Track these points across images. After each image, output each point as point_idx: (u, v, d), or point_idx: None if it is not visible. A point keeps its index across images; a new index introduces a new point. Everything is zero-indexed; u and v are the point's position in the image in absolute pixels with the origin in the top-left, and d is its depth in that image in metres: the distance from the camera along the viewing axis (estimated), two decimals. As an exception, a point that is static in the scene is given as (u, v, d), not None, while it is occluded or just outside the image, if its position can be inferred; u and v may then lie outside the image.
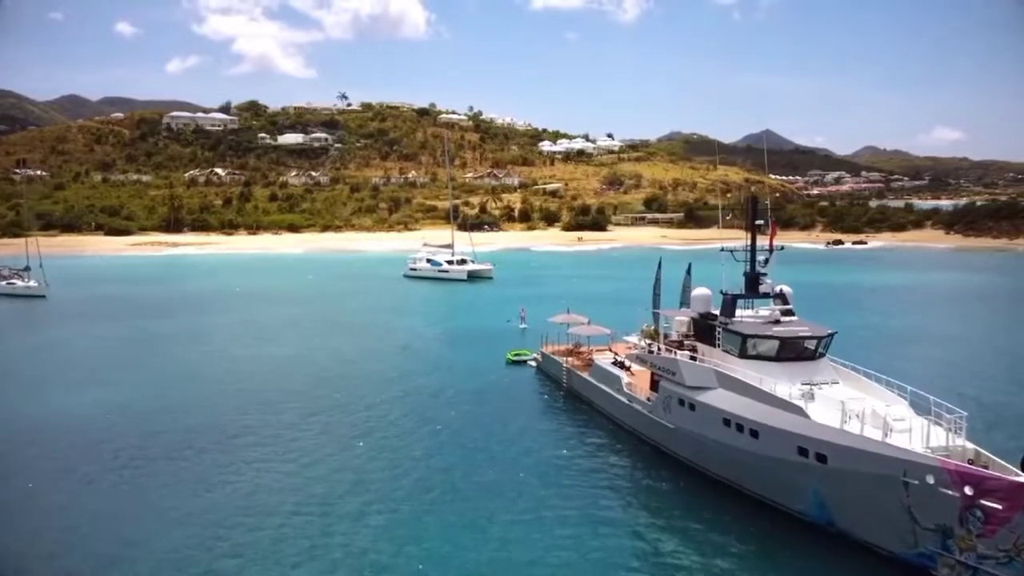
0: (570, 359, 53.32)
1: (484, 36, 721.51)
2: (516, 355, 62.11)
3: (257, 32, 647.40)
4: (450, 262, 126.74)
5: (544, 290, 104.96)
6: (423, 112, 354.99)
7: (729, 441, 34.29)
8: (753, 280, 40.76)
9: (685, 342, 43.89)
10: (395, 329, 77.72)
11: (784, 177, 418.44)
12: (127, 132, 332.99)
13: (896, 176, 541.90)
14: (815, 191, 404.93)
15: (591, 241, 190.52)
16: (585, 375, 50.15)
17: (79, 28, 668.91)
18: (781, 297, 40.53)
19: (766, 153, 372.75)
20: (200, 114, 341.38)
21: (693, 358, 39.26)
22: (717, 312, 39.76)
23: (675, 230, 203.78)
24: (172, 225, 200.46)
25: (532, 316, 75.73)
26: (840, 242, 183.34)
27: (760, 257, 40.95)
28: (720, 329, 38.30)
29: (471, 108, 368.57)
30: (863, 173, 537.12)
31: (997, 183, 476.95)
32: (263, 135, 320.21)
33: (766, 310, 38.89)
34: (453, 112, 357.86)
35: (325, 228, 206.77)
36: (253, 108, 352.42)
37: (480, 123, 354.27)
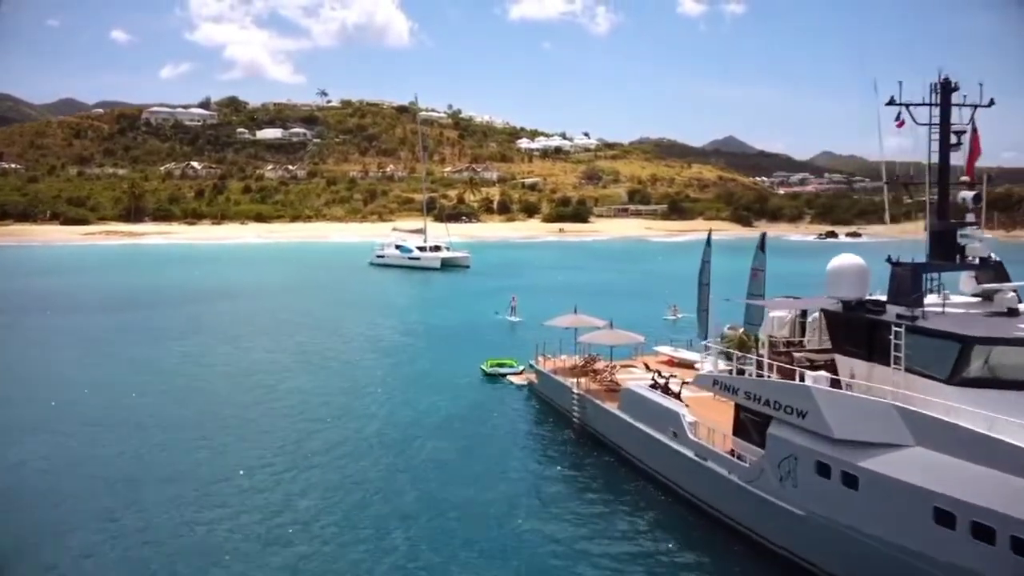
0: (582, 380, 32.39)
1: (465, 45, 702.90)
2: (496, 366, 41.79)
3: (247, 39, 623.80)
4: (422, 248, 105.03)
5: (528, 280, 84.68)
6: (403, 109, 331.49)
7: (951, 556, 15.41)
8: (948, 238, 20.55)
9: (801, 354, 23.35)
10: (346, 328, 57.12)
11: (751, 179, 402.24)
12: (106, 127, 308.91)
13: (858, 178, 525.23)
14: (781, 191, 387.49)
15: (573, 232, 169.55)
16: (610, 407, 29.37)
17: (76, 35, 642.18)
18: (992, 269, 20.32)
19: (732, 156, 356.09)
20: (180, 109, 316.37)
21: (836, 383, 19.62)
22: (881, 297, 20.26)
23: (659, 222, 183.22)
24: (133, 215, 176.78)
25: (524, 310, 55.95)
26: (834, 234, 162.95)
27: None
28: (903, 328, 18.19)
29: (450, 106, 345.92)
30: (825, 175, 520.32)
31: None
32: (242, 130, 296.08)
33: (965, 294, 20.80)
34: (433, 110, 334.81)
35: (295, 218, 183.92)
36: (233, 104, 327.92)
37: (459, 121, 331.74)
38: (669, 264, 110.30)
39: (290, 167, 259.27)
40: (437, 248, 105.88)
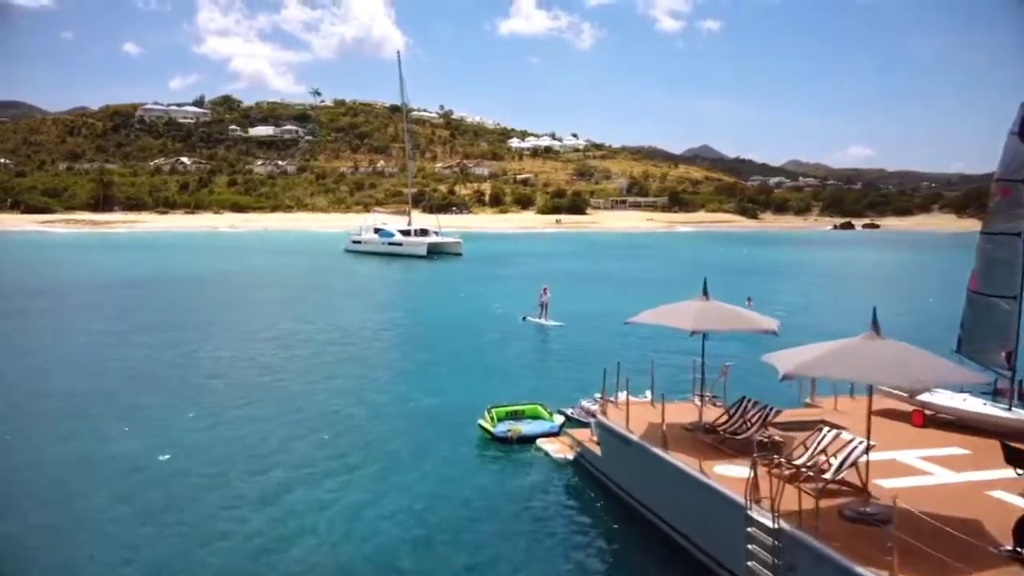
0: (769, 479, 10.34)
1: (457, 58, 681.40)
2: (508, 416, 19.51)
3: (252, 52, 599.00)
4: (405, 232, 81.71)
5: (532, 269, 62.18)
6: (395, 108, 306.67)
7: None
8: None
9: None
10: (293, 340, 33.28)
11: (732, 179, 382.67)
12: (100, 124, 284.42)
13: (831, 182, 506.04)
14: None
15: (571, 224, 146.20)
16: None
17: (90, 47, 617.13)
18: None
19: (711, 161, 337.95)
20: (173, 107, 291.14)
21: None
22: None
23: (661, 213, 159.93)
24: (102, 204, 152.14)
25: (533, 304, 34.98)
26: (850, 225, 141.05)
27: None
28: None
29: (442, 107, 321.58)
30: (800, 179, 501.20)
31: (919, 188, 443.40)
32: (234, 127, 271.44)
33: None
34: (424, 110, 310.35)
35: (275, 208, 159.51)
36: (227, 103, 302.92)
37: (451, 121, 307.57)
38: (690, 252, 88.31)
39: (280, 163, 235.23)
40: (424, 232, 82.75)
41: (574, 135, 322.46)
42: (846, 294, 51.77)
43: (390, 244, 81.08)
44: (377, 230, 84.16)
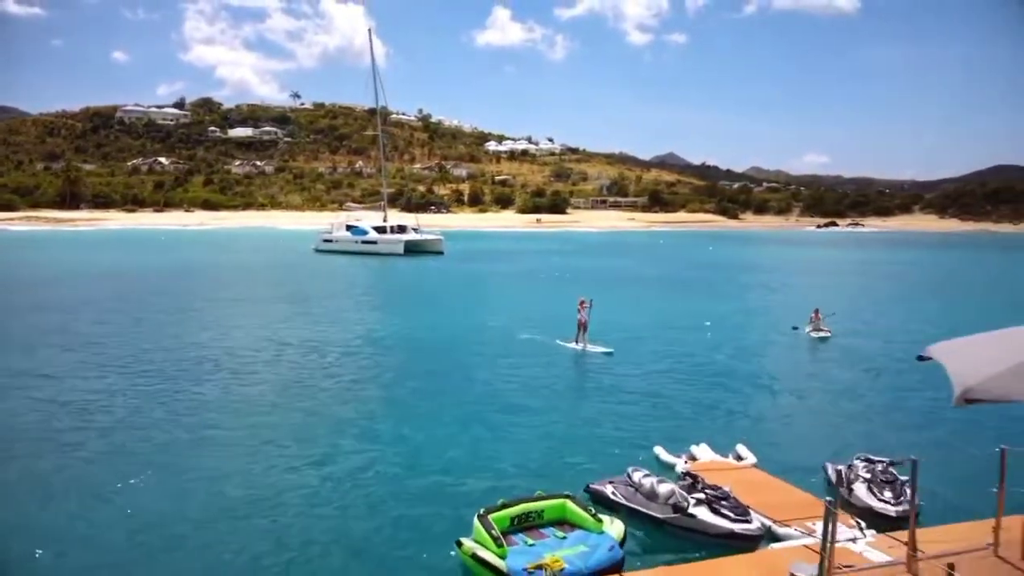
0: None
1: (434, 67, 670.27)
2: (507, 523, 9.91)
3: (237, 60, 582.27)
4: (380, 230, 71.60)
5: (524, 266, 52.43)
6: (374, 111, 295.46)
7: None
8: None
9: None
10: (188, 391, 22.43)
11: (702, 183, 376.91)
12: (79, 125, 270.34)
13: (792, 187, 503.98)
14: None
15: (551, 223, 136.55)
16: None
17: (79, 55, 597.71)
18: None
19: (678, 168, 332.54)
20: (153, 109, 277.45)
21: None
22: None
23: (642, 213, 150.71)
24: (68, 201, 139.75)
25: (545, 317, 28.70)
26: (835, 223, 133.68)
27: None
28: None
29: (420, 111, 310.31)
30: (764, 184, 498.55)
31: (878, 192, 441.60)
32: (213, 128, 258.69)
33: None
34: (403, 113, 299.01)
35: (247, 206, 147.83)
36: (207, 104, 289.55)
37: (429, 124, 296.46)
38: (687, 252, 79.82)
39: (258, 163, 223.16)
40: (402, 229, 72.68)
41: (550, 139, 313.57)
42: (915, 297, 42.72)
43: (364, 242, 70.92)
44: (349, 227, 73.92)
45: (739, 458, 13.59)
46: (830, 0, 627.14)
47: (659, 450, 14.19)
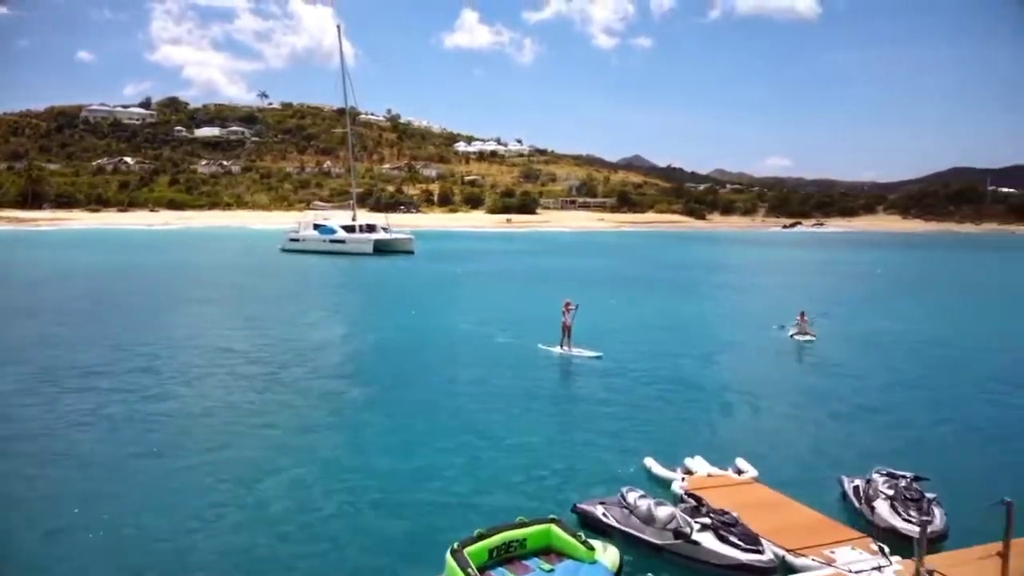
0: None
1: (403, 68, 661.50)
2: (484, 557, 8.28)
3: (205, 61, 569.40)
4: (349, 228, 69.59)
5: (497, 266, 50.95)
6: (343, 111, 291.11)
7: None
8: None
9: None
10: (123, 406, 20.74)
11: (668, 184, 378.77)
12: (44, 124, 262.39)
13: (755, 188, 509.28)
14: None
15: (521, 223, 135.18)
16: None
17: (45, 55, 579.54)
18: None
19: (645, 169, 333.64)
20: (119, 108, 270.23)
21: None
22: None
23: (611, 214, 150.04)
24: (30, 201, 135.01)
25: (522, 318, 28.26)
26: (799, 223, 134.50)
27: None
28: None
29: (389, 111, 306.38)
30: (728, 185, 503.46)
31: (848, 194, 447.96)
32: (179, 128, 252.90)
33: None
34: (372, 114, 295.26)
35: (213, 206, 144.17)
36: (173, 104, 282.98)
37: (398, 124, 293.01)
38: (658, 251, 79.29)
39: (225, 162, 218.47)
40: (371, 228, 70.74)
41: (519, 141, 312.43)
42: (933, 300, 41.63)
43: (332, 241, 68.86)
44: (317, 226, 71.78)
45: (739, 472, 12.31)
46: (792, 5, 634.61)
47: (650, 462, 12.88)
